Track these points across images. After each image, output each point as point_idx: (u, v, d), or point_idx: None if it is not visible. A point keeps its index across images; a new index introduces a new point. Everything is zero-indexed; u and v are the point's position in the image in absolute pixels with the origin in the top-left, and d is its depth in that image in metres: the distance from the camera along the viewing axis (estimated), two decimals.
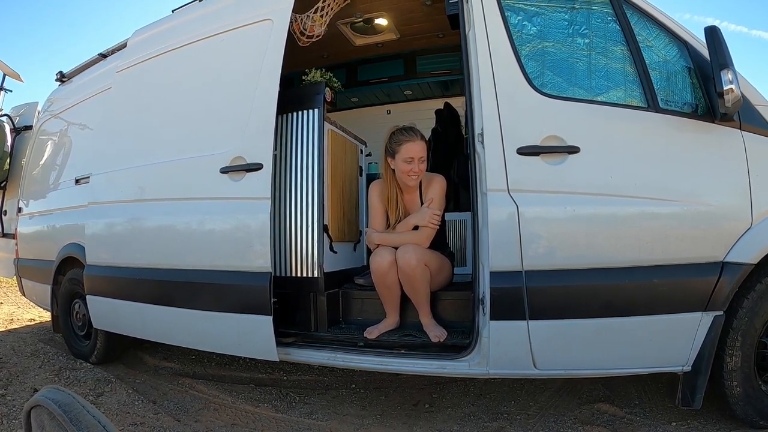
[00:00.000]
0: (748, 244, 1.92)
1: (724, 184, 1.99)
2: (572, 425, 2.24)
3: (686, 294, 1.93)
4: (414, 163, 2.46)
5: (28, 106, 4.89)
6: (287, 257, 2.65)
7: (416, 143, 2.49)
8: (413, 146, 2.48)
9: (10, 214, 4.64)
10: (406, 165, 2.48)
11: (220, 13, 2.78)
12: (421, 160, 2.48)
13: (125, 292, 2.91)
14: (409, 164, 2.47)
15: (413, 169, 2.47)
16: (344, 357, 2.35)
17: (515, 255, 1.96)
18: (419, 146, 2.49)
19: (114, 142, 3.12)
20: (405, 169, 2.48)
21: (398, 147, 2.50)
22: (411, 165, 2.47)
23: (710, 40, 1.93)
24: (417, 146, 2.48)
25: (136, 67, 3.12)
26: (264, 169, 2.38)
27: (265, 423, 2.45)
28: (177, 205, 2.69)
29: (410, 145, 2.48)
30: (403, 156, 2.48)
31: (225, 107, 2.60)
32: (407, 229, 2.52)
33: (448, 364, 2.15)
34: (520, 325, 1.97)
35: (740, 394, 1.99)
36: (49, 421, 0.69)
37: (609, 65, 2.10)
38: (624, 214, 1.95)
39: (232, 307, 2.45)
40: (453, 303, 2.59)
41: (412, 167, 2.47)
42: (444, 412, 2.47)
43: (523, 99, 2.06)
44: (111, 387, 2.87)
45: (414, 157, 2.46)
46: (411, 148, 2.47)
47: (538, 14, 2.16)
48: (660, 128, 2.01)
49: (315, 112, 2.66)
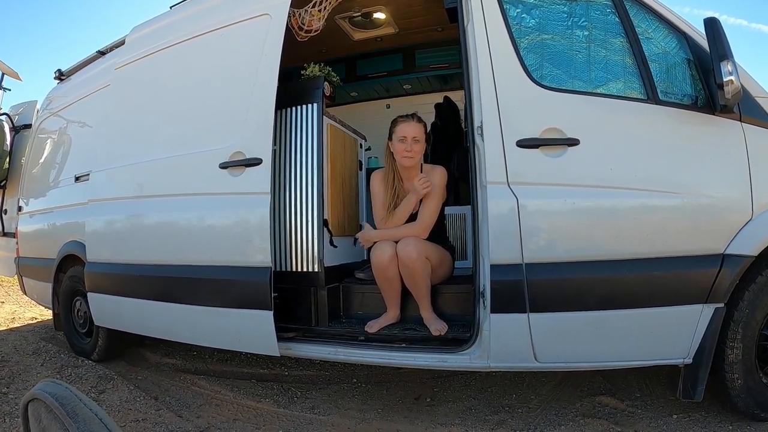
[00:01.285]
0: (748, 236, 1.91)
1: (725, 176, 1.97)
2: (573, 418, 2.24)
3: (687, 286, 1.92)
4: (407, 142, 2.52)
5: (27, 104, 4.87)
6: (287, 252, 2.65)
7: (410, 124, 2.56)
8: (406, 126, 2.55)
9: (11, 212, 4.63)
10: (401, 144, 2.54)
11: (218, 9, 2.77)
12: (415, 139, 2.53)
13: (126, 289, 2.91)
14: (402, 143, 2.53)
15: (406, 149, 2.52)
16: (345, 351, 2.35)
17: (515, 248, 1.96)
18: (413, 127, 2.55)
19: (113, 139, 3.12)
20: (399, 149, 2.54)
21: (394, 128, 2.60)
22: (404, 144, 2.53)
23: (710, 31, 1.92)
24: (410, 126, 2.55)
25: (135, 63, 3.12)
26: (263, 164, 2.37)
27: (266, 418, 2.46)
28: (177, 201, 2.69)
29: (404, 125, 2.56)
30: (398, 135, 2.56)
31: (224, 103, 2.59)
32: (403, 216, 2.55)
33: (449, 357, 2.15)
34: (520, 318, 1.96)
35: (741, 386, 1.99)
36: (46, 414, 0.69)
37: (608, 57, 2.08)
38: (624, 206, 1.95)
39: (232, 302, 2.45)
40: (453, 296, 2.59)
41: (405, 146, 2.52)
42: (445, 406, 2.47)
43: (523, 91, 2.05)
44: (113, 384, 2.88)
45: (407, 136, 2.53)
46: (404, 128, 2.55)
47: (537, 6, 2.15)
48: (660, 120, 1.99)
49: (314, 107, 2.67)
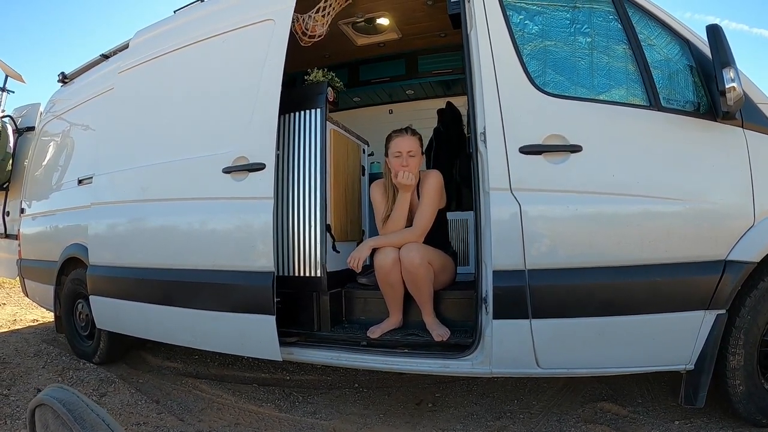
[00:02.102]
0: (750, 243, 1.91)
1: (727, 182, 1.98)
2: (575, 424, 2.24)
3: (689, 292, 1.92)
4: (402, 157, 2.49)
5: (30, 107, 4.88)
6: (290, 257, 2.66)
7: (404, 138, 2.53)
8: (401, 141, 2.52)
9: (13, 215, 4.64)
10: (396, 160, 2.51)
11: (222, 14, 2.79)
12: (410, 154, 2.50)
13: (128, 292, 2.91)
14: (398, 158, 2.51)
15: (402, 164, 2.49)
16: (347, 356, 2.35)
17: (518, 254, 1.96)
18: (407, 141, 2.52)
19: (116, 143, 3.13)
20: (395, 164, 2.51)
21: (389, 144, 2.58)
22: (400, 159, 2.50)
23: (712, 38, 1.92)
24: (405, 141, 2.52)
25: (138, 67, 3.13)
26: (267, 168, 2.38)
27: (268, 422, 2.45)
28: (180, 205, 2.70)
29: (398, 140, 2.54)
30: (393, 151, 2.54)
31: (227, 107, 2.60)
32: (400, 220, 2.51)
33: (451, 363, 2.15)
34: (523, 324, 1.96)
35: (743, 392, 1.99)
36: (54, 420, 0.69)
37: (611, 64, 2.09)
38: (626, 212, 1.95)
39: (235, 306, 2.45)
40: (456, 302, 2.59)
41: (401, 161, 2.49)
42: (447, 411, 2.47)
43: (525, 98, 2.05)
44: (114, 387, 2.87)
45: (402, 152, 2.50)
46: (399, 143, 2.52)
47: (540, 13, 2.16)
48: (662, 127, 2.00)
49: (317, 112, 2.68)
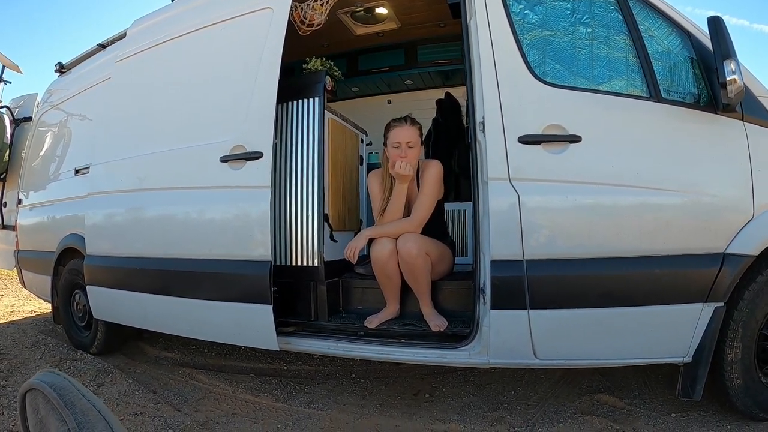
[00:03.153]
0: (749, 236, 1.91)
1: (726, 175, 1.97)
2: (572, 415, 2.25)
3: (687, 285, 1.92)
4: (401, 148, 2.46)
5: (27, 97, 4.86)
6: (287, 246, 2.65)
7: (403, 128, 2.48)
8: (400, 131, 2.48)
9: (10, 205, 4.63)
10: (395, 150, 2.47)
11: (220, 2, 2.76)
12: (409, 145, 2.46)
13: (125, 282, 2.91)
14: (396, 149, 2.47)
15: (400, 154, 2.44)
16: (344, 346, 2.35)
17: (516, 244, 1.96)
18: (406, 131, 2.48)
19: (113, 133, 3.11)
20: (393, 155, 2.47)
21: (388, 133, 2.53)
22: (398, 150, 2.46)
23: (713, 30, 1.91)
24: (404, 131, 2.48)
25: (136, 57, 3.10)
26: (264, 157, 2.36)
27: (265, 412, 2.46)
28: (177, 195, 2.68)
29: (397, 129, 2.49)
30: (391, 141, 2.50)
31: (225, 96, 2.58)
32: (397, 210, 2.48)
33: (448, 353, 2.15)
34: (520, 314, 1.96)
35: (740, 385, 2.00)
36: (44, 404, 0.68)
37: (611, 55, 2.08)
38: (625, 203, 1.94)
39: (232, 296, 2.45)
40: (453, 292, 2.59)
41: (399, 152, 2.45)
42: (444, 402, 2.48)
43: (525, 88, 2.04)
44: (111, 377, 2.87)
45: (401, 142, 2.46)
46: (397, 133, 2.48)
47: (540, 3, 2.14)
48: (662, 118, 1.99)
49: (315, 101, 2.65)
